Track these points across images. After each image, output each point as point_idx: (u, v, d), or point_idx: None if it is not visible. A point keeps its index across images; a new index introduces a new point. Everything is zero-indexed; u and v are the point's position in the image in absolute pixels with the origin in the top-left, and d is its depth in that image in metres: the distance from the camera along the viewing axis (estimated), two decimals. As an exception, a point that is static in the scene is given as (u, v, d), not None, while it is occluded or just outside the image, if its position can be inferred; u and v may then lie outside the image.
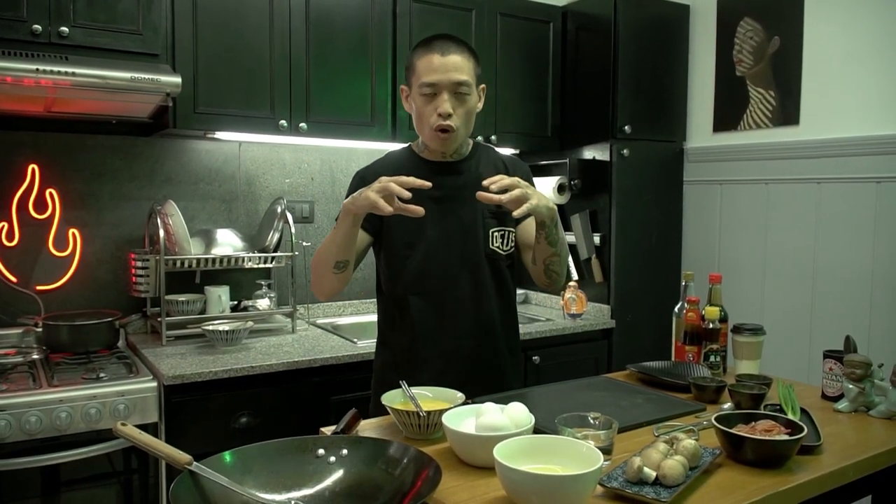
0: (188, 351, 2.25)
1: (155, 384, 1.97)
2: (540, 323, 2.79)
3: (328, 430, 1.35)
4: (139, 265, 2.38)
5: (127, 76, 1.99)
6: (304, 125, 2.45)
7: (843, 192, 2.53)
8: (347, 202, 1.49)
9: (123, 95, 2.04)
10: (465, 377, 1.61)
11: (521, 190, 1.43)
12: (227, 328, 2.30)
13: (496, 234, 1.70)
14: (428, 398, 1.40)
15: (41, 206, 2.36)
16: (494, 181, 1.43)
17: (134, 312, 2.45)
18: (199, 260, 2.40)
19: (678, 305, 1.90)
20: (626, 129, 2.86)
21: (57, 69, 1.89)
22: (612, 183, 2.88)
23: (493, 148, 1.83)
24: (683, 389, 1.65)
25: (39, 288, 2.35)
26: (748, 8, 2.83)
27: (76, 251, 2.41)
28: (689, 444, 1.16)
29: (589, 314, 2.92)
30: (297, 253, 2.58)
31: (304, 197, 2.85)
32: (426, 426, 1.31)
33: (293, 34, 2.42)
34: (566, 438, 1.13)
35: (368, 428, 1.41)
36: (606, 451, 1.18)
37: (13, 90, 1.94)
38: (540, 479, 1.00)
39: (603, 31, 2.89)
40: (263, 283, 2.68)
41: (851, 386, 1.50)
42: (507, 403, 1.27)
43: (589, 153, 2.98)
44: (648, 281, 2.99)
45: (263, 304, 2.64)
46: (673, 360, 1.89)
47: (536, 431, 1.24)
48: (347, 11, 2.52)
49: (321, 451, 1.14)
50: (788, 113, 2.70)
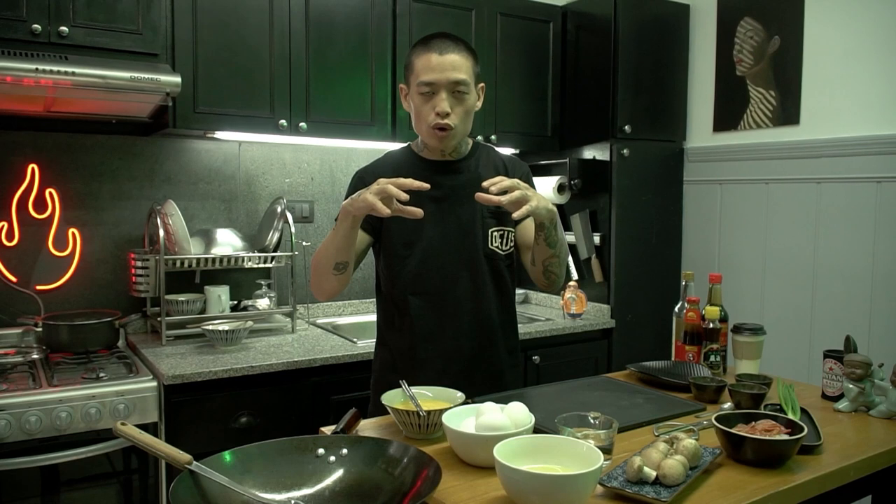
0: (188, 351, 2.25)
1: (155, 384, 1.97)
2: (540, 323, 2.78)
3: (328, 429, 1.35)
4: (139, 265, 2.38)
5: (127, 76, 1.99)
6: (303, 125, 2.44)
7: (843, 192, 2.53)
8: (346, 204, 1.49)
9: (123, 95, 2.04)
10: (464, 377, 1.61)
11: (520, 191, 1.42)
12: (226, 328, 2.30)
13: (495, 233, 1.70)
14: (428, 398, 1.40)
15: (41, 205, 2.36)
16: (494, 183, 1.43)
17: (134, 312, 2.45)
18: (198, 260, 2.40)
19: (678, 305, 1.90)
20: (626, 128, 2.86)
21: (57, 69, 1.89)
22: (612, 183, 2.88)
23: (493, 147, 1.83)
24: (683, 389, 1.65)
25: (39, 288, 2.35)
26: (748, 7, 2.83)
27: (76, 251, 2.41)
28: (689, 443, 1.16)
29: (589, 314, 2.92)
30: (296, 253, 2.58)
31: (303, 197, 2.85)
32: (426, 426, 1.31)
33: (293, 34, 2.42)
34: (566, 438, 1.13)
35: (368, 427, 1.41)
36: (606, 450, 1.18)
37: (13, 90, 1.94)
38: (540, 478, 1.00)
39: (603, 30, 2.89)
40: (263, 282, 2.68)
41: (851, 386, 1.50)
42: (507, 403, 1.27)
43: (589, 153, 2.98)
44: (648, 281, 2.99)
45: (263, 303, 2.64)
46: (673, 359, 1.89)
47: (536, 431, 1.24)
48: (347, 11, 2.52)
49: (321, 450, 1.14)
50: (788, 113, 2.70)
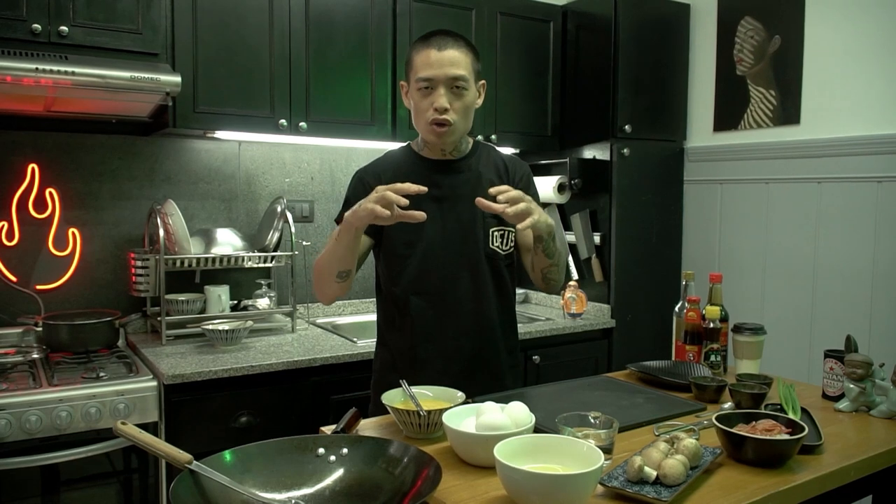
0: (188, 350, 2.25)
1: (155, 383, 1.97)
2: (540, 322, 2.78)
3: (328, 429, 1.35)
4: (139, 265, 2.38)
5: (126, 75, 1.99)
6: (303, 124, 2.44)
7: (843, 191, 2.53)
8: (349, 215, 1.48)
9: (123, 95, 2.04)
10: (464, 377, 1.61)
11: (525, 204, 1.43)
12: (226, 328, 2.30)
13: (496, 233, 1.70)
14: (428, 397, 1.39)
15: (41, 205, 2.36)
16: (501, 191, 1.44)
17: (134, 312, 2.45)
18: (198, 259, 2.39)
19: (678, 305, 1.90)
20: (626, 128, 2.86)
21: (57, 68, 1.89)
22: (612, 182, 2.88)
23: (493, 147, 1.83)
24: (684, 389, 1.65)
25: (39, 287, 2.35)
26: (749, 7, 2.83)
27: (76, 251, 2.41)
28: (689, 443, 1.16)
29: (589, 314, 2.92)
30: (296, 252, 2.58)
31: (303, 196, 2.85)
32: (426, 425, 1.31)
33: (293, 34, 2.42)
34: (567, 438, 1.13)
35: (368, 427, 1.41)
36: (607, 450, 1.18)
37: (13, 90, 1.94)
38: (540, 478, 1.00)
39: (603, 30, 2.88)
40: (263, 282, 2.68)
41: (852, 385, 1.50)
42: (507, 403, 1.27)
43: (589, 152, 2.98)
44: (648, 280, 2.99)
45: (263, 303, 2.64)
46: (673, 359, 1.89)
47: (537, 431, 1.24)
48: (347, 11, 2.52)
49: (321, 450, 1.14)
50: (789, 112, 2.70)
